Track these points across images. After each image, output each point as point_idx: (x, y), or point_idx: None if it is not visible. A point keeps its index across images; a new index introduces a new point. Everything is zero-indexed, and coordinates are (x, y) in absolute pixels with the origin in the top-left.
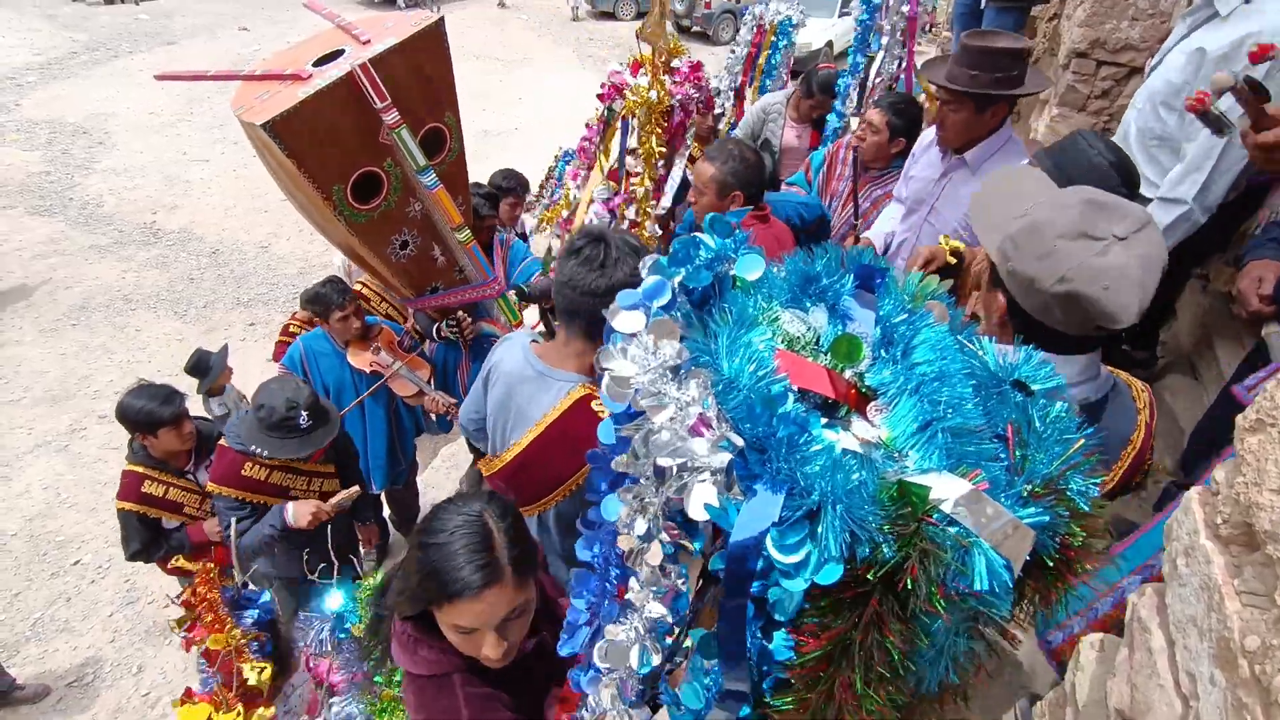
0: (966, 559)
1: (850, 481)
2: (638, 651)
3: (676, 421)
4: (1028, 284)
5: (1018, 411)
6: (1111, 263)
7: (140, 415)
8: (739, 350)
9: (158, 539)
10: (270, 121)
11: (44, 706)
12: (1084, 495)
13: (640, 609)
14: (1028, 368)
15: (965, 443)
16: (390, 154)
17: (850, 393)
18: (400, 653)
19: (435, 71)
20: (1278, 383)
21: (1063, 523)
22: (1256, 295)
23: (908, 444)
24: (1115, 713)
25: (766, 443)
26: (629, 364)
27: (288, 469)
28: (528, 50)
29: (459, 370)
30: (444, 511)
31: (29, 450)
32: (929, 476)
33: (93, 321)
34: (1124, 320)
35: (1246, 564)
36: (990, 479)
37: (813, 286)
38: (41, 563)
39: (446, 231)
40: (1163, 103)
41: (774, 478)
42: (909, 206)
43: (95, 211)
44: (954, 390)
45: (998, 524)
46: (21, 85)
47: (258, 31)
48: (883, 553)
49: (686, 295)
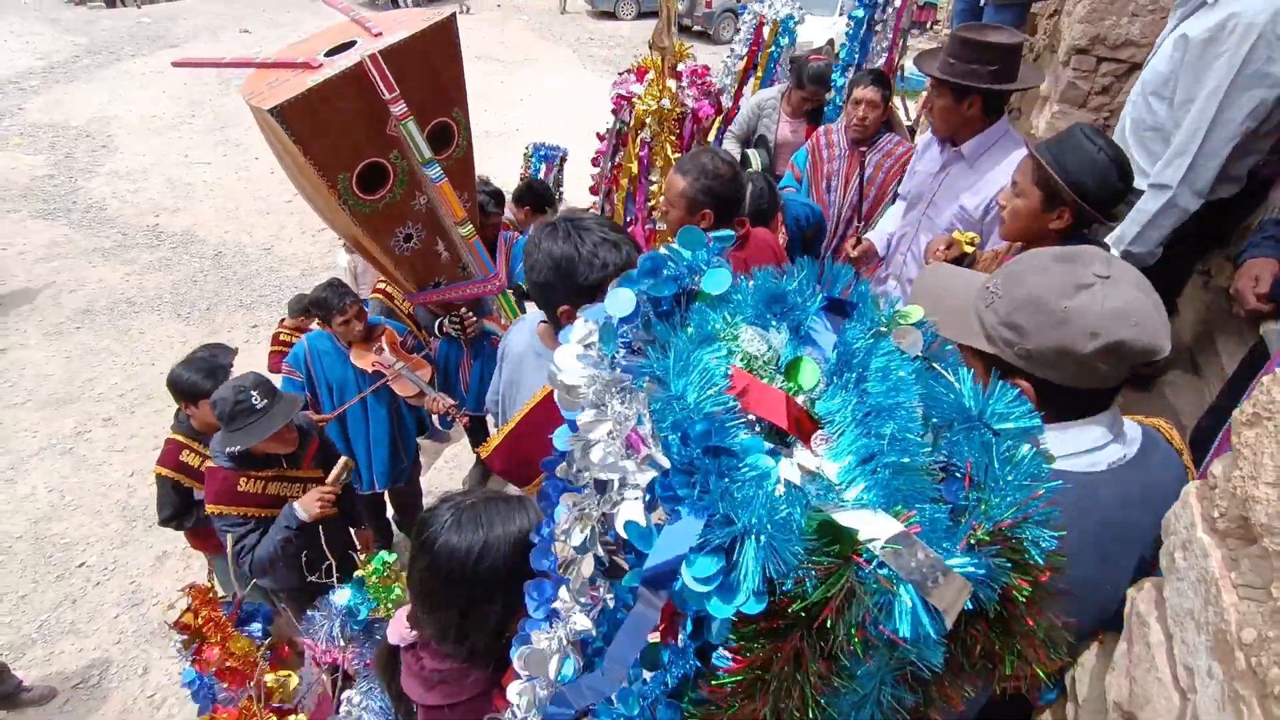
0: (891, 603)
1: (777, 513)
2: (557, 661)
3: (614, 436)
4: (1058, 355)
5: (981, 450)
6: (1120, 302)
7: (184, 385)
8: (688, 367)
9: (189, 508)
10: (278, 107)
11: (50, 709)
12: (1036, 545)
13: (566, 619)
14: (1001, 404)
15: (905, 480)
16: (397, 146)
17: (802, 420)
18: (417, 685)
19: (445, 67)
20: (1274, 378)
21: (1004, 574)
22: (1253, 294)
23: (848, 477)
24: (1114, 707)
25: (695, 466)
26: (579, 374)
27: (282, 478)
28: (528, 51)
29: (460, 368)
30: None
31: (34, 453)
32: (861, 514)
33: (96, 324)
34: (1164, 348)
35: (1243, 557)
36: (928, 521)
37: (778, 305)
38: (47, 565)
39: (451, 226)
40: (1153, 93)
41: (696, 503)
42: (909, 202)
43: (98, 214)
44: (899, 424)
45: (927, 570)
46: (25, 89)
47: (259, 34)
48: (805, 588)
49: (653, 307)
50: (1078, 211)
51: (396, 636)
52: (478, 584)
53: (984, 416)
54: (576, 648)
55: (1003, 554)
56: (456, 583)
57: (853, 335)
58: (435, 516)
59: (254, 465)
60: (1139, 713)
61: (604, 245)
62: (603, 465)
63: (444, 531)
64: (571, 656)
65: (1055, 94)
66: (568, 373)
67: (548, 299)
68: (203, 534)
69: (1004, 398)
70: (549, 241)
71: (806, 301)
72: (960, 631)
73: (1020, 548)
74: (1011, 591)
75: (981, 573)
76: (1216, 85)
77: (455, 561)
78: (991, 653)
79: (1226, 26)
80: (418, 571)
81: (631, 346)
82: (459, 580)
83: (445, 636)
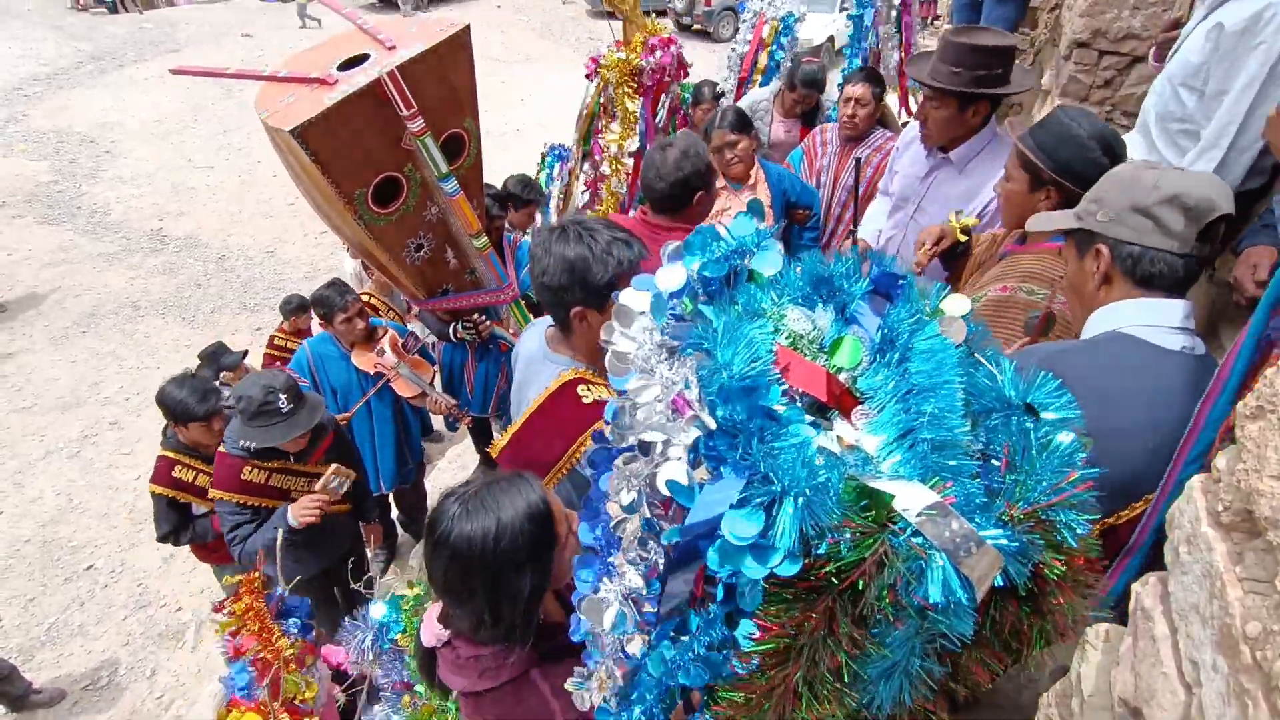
0: (923, 570)
1: (815, 477)
2: (614, 613)
3: (660, 399)
4: (1128, 209)
5: (1019, 436)
6: (1184, 174)
7: (176, 406)
8: (735, 339)
9: (187, 523)
10: (299, 128)
11: (60, 710)
12: (1070, 529)
13: (622, 575)
14: (1042, 394)
15: (944, 456)
16: (411, 159)
17: (843, 395)
18: (457, 677)
19: (458, 78)
20: (1278, 370)
21: (1036, 551)
22: (1252, 281)
23: (886, 450)
24: (1119, 701)
25: (739, 428)
26: (629, 341)
27: (287, 471)
28: (529, 51)
29: (465, 371)
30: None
31: (41, 457)
32: (898, 484)
33: (102, 329)
34: (1222, 204)
35: (1248, 550)
36: (963, 495)
37: (825, 287)
38: (55, 568)
39: (462, 235)
40: (1182, 84)
41: (739, 463)
42: (895, 203)
43: (103, 220)
44: (940, 402)
45: (960, 540)
46: (29, 95)
47: (261, 39)
48: (839, 551)
49: (703, 284)
50: (1063, 190)
51: (431, 638)
52: (501, 565)
53: (1026, 402)
54: (630, 603)
55: (1036, 533)
56: (480, 570)
57: (897, 317)
58: (443, 512)
59: (261, 456)
60: (1144, 707)
61: (616, 244)
62: (648, 425)
63: (455, 524)
64: (626, 609)
65: (1057, 88)
66: (618, 339)
67: (560, 300)
68: (207, 546)
69: (1045, 387)
70: (560, 245)
71: (853, 285)
72: (990, 608)
73: (1054, 529)
74: (1043, 569)
75: (1015, 546)
76: (1252, 77)
77: (474, 550)
78: (1020, 630)
79: (1263, 17)
80: (439, 570)
81: (680, 320)
82: (482, 567)
83: (480, 625)
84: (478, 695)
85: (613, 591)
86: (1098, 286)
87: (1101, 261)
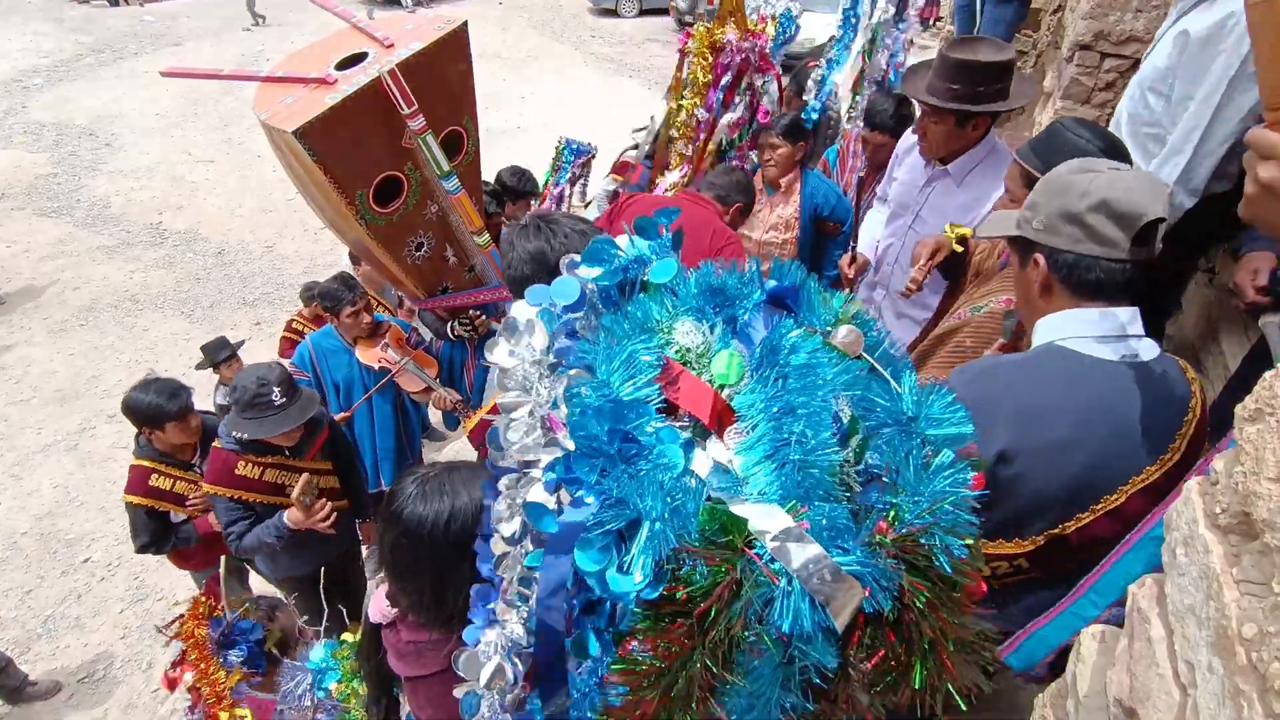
0: (774, 597)
1: (673, 501)
2: (492, 668)
3: (534, 417)
4: (1059, 218)
5: (900, 456)
6: (1116, 176)
7: (147, 409)
8: (616, 355)
9: (166, 532)
10: (300, 129)
11: (56, 702)
12: (945, 554)
13: (504, 624)
14: (936, 409)
15: (808, 477)
16: (411, 157)
17: (724, 414)
18: (399, 662)
19: (457, 75)
20: (1276, 373)
21: (897, 576)
22: (1253, 286)
23: (752, 471)
24: (1115, 702)
25: (599, 451)
26: (510, 358)
27: (282, 466)
28: (531, 49)
29: (464, 368)
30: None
31: (39, 450)
32: (755, 507)
33: (101, 322)
34: (1151, 211)
35: (1245, 553)
36: (823, 519)
37: (718, 298)
38: (52, 561)
39: (463, 233)
40: (1150, 88)
41: (593, 486)
42: (893, 210)
43: (102, 213)
44: (810, 421)
45: (815, 567)
46: (29, 88)
47: (261, 34)
48: (694, 576)
49: (601, 295)
50: None
51: (377, 614)
52: (448, 548)
53: (917, 420)
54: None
55: (906, 558)
56: (427, 549)
57: (782, 331)
58: (400, 491)
59: (256, 450)
60: (1139, 708)
61: (574, 235)
62: (520, 445)
63: (410, 503)
64: (505, 665)
65: (1058, 90)
66: (499, 355)
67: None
68: (186, 553)
69: (939, 402)
70: (521, 239)
71: (746, 295)
72: (864, 636)
73: (927, 553)
74: (908, 597)
75: (869, 571)
76: (1214, 84)
77: (424, 530)
78: (899, 661)
79: (1226, 25)
80: (388, 544)
81: (576, 333)
82: (429, 547)
83: (421, 604)
84: (414, 681)
85: (493, 643)
86: (1039, 295)
87: (1038, 271)
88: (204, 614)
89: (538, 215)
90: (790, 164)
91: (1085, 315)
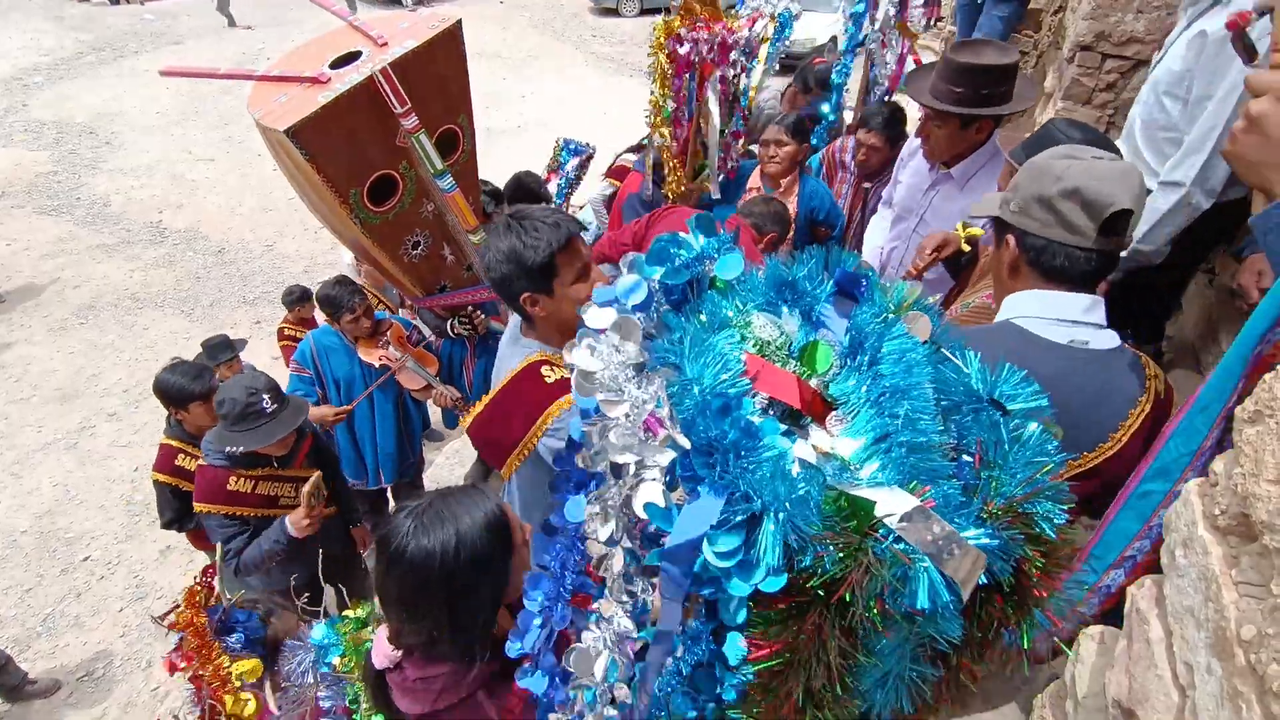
0: (909, 576)
1: (795, 490)
2: (605, 661)
3: (631, 419)
4: (1033, 201)
5: (989, 430)
6: (1094, 165)
7: (173, 389)
8: (704, 352)
9: (189, 511)
10: (292, 128)
11: (55, 701)
12: (1048, 520)
13: (611, 620)
14: (1008, 385)
15: (920, 459)
16: (406, 156)
17: (815, 401)
18: (406, 699)
19: (452, 74)
20: (1276, 374)
21: (1018, 546)
22: (1257, 288)
23: (863, 456)
24: (1113, 703)
25: (714, 446)
26: (594, 360)
27: (273, 478)
28: (531, 48)
29: (464, 366)
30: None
31: (38, 448)
32: (878, 491)
33: (101, 320)
34: (1119, 201)
35: (1244, 554)
36: (942, 497)
37: (789, 291)
38: (51, 559)
39: (459, 231)
40: (1165, 92)
41: (716, 482)
42: (897, 213)
43: (102, 211)
44: (913, 404)
45: (943, 543)
46: (29, 86)
47: (262, 32)
48: (824, 564)
49: (666, 294)
50: None
51: (382, 659)
52: (463, 576)
53: (992, 396)
54: (622, 648)
55: (1015, 527)
56: (438, 583)
57: (864, 319)
58: (395, 530)
59: (245, 464)
60: (1138, 709)
61: (544, 227)
62: (622, 447)
63: (410, 538)
64: (617, 657)
65: (1059, 90)
66: (583, 359)
67: (508, 291)
68: (203, 534)
69: (1011, 379)
70: (495, 239)
71: (817, 287)
72: (976, 606)
73: (1032, 521)
74: (1025, 564)
75: (995, 544)
76: (1234, 83)
77: (433, 562)
78: (1008, 624)
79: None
80: (392, 585)
81: (645, 334)
82: (443, 579)
83: (438, 639)
84: (424, 717)
85: (602, 638)
86: (1008, 275)
87: (1008, 252)
88: (200, 602)
89: (510, 214)
90: (792, 163)
91: (1044, 297)
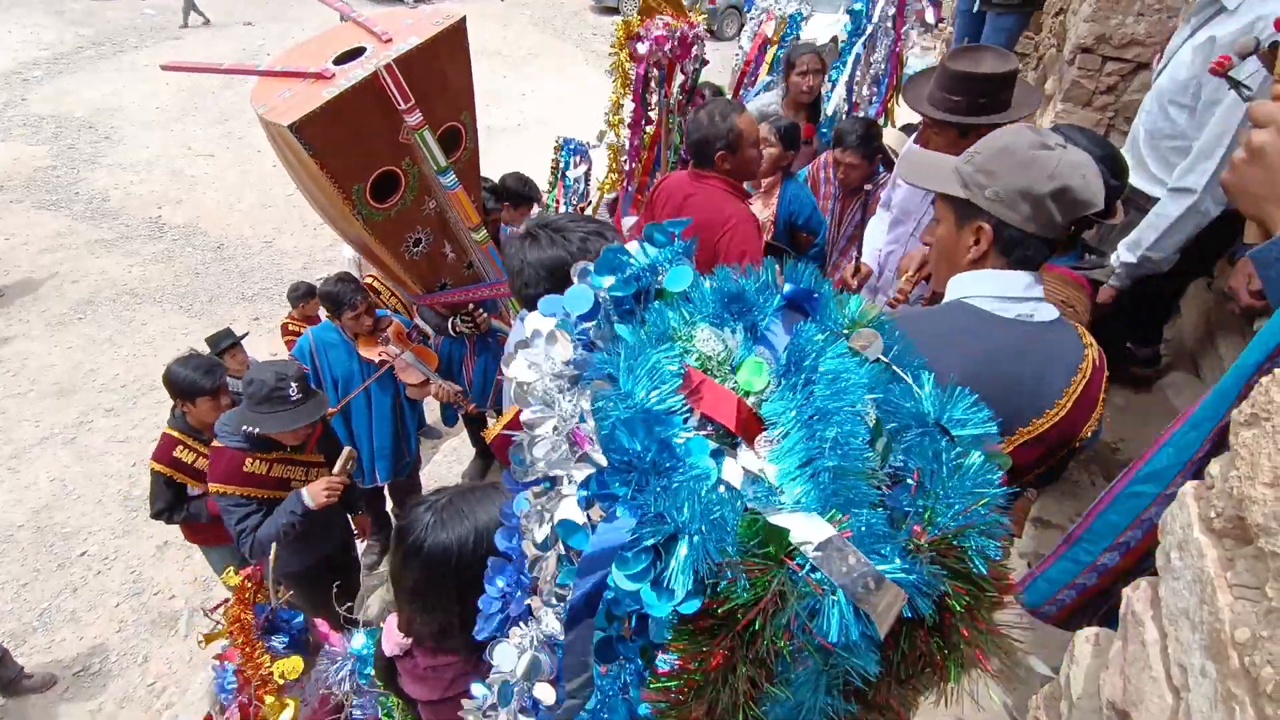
0: (817, 609)
1: (710, 513)
2: (527, 661)
3: (559, 433)
4: (1019, 194)
5: (930, 458)
6: (1074, 158)
7: (183, 382)
8: (638, 365)
9: (180, 503)
10: (296, 123)
11: (51, 695)
12: (981, 556)
13: (539, 620)
14: (959, 410)
15: (845, 485)
16: (409, 153)
17: (750, 421)
18: (417, 686)
19: (455, 71)
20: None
21: (939, 582)
22: (1246, 290)
23: (788, 479)
24: (1108, 705)
25: (633, 464)
26: (529, 371)
27: (287, 461)
28: (532, 47)
29: (464, 364)
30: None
31: (36, 443)
32: (795, 517)
33: (99, 315)
34: (1099, 203)
35: (1239, 557)
36: (865, 526)
37: (736, 304)
38: (48, 554)
39: (461, 229)
40: (1171, 101)
41: (629, 501)
42: (895, 216)
43: (101, 206)
44: (843, 427)
45: (858, 575)
46: (28, 80)
47: (263, 28)
48: (735, 590)
49: (615, 304)
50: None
51: (392, 647)
52: (475, 572)
53: (941, 421)
54: (547, 648)
55: (943, 561)
56: (453, 577)
57: (806, 336)
58: (415, 522)
59: (261, 447)
60: (1132, 711)
61: (591, 238)
62: (546, 461)
63: (430, 533)
64: (542, 656)
65: (1060, 93)
66: (518, 368)
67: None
68: (196, 526)
69: (962, 403)
70: (534, 252)
71: (765, 301)
72: (900, 640)
73: (963, 556)
74: (948, 600)
75: (912, 579)
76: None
77: (450, 557)
78: (933, 661)
79: (1254, 28)
80: (410, 578)
81: (590, 344)
82: (458, 572)
83: (451, 631)
84: (434, 705)
85: (529, 637)
86: (969, 261)
87: (983, 239)
88: (249, 599)
89: (541, 225)
90: (775, 166)
91: (998, 276)
